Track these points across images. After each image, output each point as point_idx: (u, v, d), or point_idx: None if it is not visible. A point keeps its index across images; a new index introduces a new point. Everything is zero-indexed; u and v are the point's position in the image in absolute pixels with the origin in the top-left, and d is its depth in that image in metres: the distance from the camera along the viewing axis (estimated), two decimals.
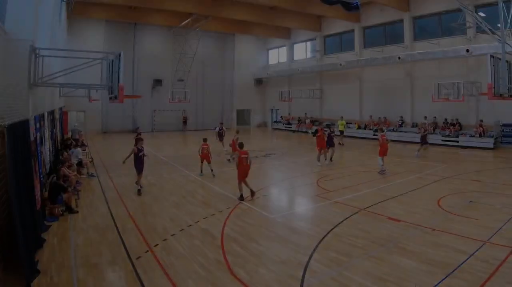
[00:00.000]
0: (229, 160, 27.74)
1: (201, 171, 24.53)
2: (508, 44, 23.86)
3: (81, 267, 10.83)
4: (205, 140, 25.19)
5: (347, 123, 49.91)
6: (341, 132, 41.14)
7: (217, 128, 35.34)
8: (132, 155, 20.23)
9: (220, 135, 35.47)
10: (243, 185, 18.44)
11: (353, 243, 12.48)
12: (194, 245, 12.47)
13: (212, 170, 24.18)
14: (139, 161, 20.08)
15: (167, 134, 55.56)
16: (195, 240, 12.99)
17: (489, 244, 11.98)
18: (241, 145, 19.16)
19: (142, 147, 20.43)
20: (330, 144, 29.00)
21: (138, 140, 20.52)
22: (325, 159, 27.90)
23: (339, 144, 36.56)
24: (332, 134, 29.46)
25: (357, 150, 28.22)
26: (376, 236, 13.05)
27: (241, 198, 17.88)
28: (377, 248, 12.03)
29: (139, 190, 19.26)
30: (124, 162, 19.38)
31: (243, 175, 18.24)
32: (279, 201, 19.56)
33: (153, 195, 19.53)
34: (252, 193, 18.40)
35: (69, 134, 39.86)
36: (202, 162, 24.52)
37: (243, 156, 18.32)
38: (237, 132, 28.83)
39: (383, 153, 24.35)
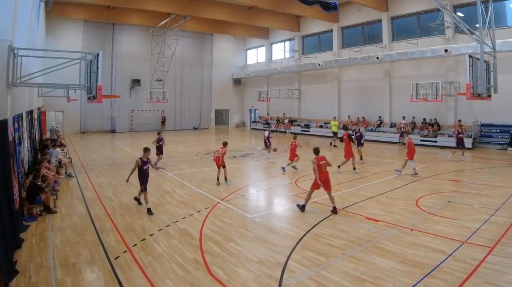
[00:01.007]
0: (283, 168, 26.09)
1: (218, 179, 22.38)
2: (487, 44, 24.12)
3: (59, 267, 10.83)
4: (224, 144, 23.33)
5: (325, 123, 50.44)
6: (334, 134, 40.57)
7: (267, 133, 33.05)
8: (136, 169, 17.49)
9: (268, 141, 32.50)
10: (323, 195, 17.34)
11: (332, 243, 12.56)
12: (172, 245, 12.50)
13: (226, 179, 22.56)
14: (143, 175, 17.29)
15: (145, 134, 54.85)
16: (173, 240, 13.01)
17: (468, 244, 12.11)
18: (316, 151, 17.41)
19: (148, 159, 17.85)
20: (358, 144, 28.94)
21: (145, 151, 17.74)
22: (353, 168, 25.85)
23: (332, 145, 37.19)
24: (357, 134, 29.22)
25: (335, 150, 28.20)
26: (355, 236, 13.13)
27: (303, 208, 16.45)
28: (355, 248, 12.10)
29: (149, 209, 16.43)
30: (127, 181, 17.76)
31: (319, 184, 16.53)
32: (257, 201, 19.52)
33: (132, 194, 19.42)
34: (334, 210, 16.18)
35: (48, 134, 39.72)
36: (218, 168, 22.51)
37: (321, 162, 16.56)
38: (295, 137, 27.83)
39: (412, 155, 23.99)
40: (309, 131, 54.28)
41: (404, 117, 42.68)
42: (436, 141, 37.92)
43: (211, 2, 49.00)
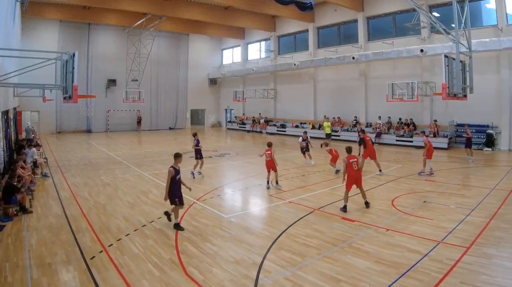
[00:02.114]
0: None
1: (268, 182, 21.27)
2: (462, 44, 24.21)
3: (35, 267, 10.76)
4: (269, 145, 21.70)
5: (301, 123, 50.94)
6: (328, 135, 39.70)
7: (301, 138, 29.43)
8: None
9: (307, 147, 28.97)
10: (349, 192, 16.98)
11: (307, 243, 12.57)
12: (148, 245, 12.47)
13: (277, 182, 21.24)
14: (176, 186, 14.57)
15: (121, 134, 55.58)
16: (149, 240, 12.98)
17: (443, 244, 12.16)
18: (349, 149, 17.30)
19: (179, 167, 14.95)
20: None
21: (177, 157, 14.91)
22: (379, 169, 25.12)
23: (324, 146, 36.45)
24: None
25: (311, 150, 28.19)
26: (330, 236, 13.15)
27: (345, 209, 16.22)
28: (331, 248, 12.13)
29: (177, 225, 14.21)
30: (166, 199, 14.68)
31: (352, 182, 16.56)
32: (233, 201, 19.55)
33: (107, 194, 19.49)
34: (367, 204, 16.70)
35: (24, 134, 39.49)
36: (268, 172, 21.35)
37: (351, 160, 16.55)
38: (326, 145, 26.74)
39: (431, 155, 23.86)
40: (285, 131, 54.41)
41: (380, 117, 42.89)
42: (412, 141, 37.97)
43: (187, 2, 49.05)
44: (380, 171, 24.35)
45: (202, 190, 20.34)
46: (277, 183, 21.05)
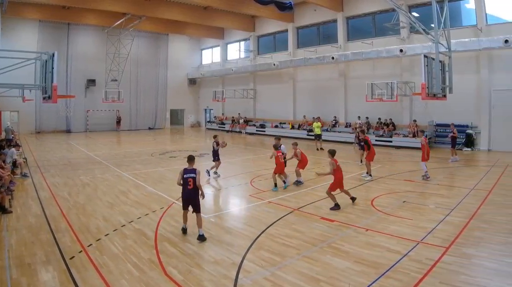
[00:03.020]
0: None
1: (275, 185, 20.52)
2: (442, 44, 24.30)
3: (14, 267, 10.66)
4: (276, 147, 21.22)
5: (280, 123, 51.24)
6: (318, 136, 38.65)
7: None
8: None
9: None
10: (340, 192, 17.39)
11: (287, 243, 12.54)
12: (127, 245, 12.40)
13: (285, 182, 20.83)
14: (184, 191, 13.86)
15: (100, 134, 55.39)
16: (128, 240, 12.89)
17: (423, 244, 12.17)
18: (333, 152, 17.36)
19: (194, 169, 14.21)
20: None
21: (190, 160, 14.65)
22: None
23: (320, 149, 36.45)
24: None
25: (291, 150, 28.17)
26: (310, 236, 13.13)
27: (338, 206, 16.39)
28: (310, 248, 12.10)
29: (201, 236, 12.99)
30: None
31: (338, 187, 16.94)
32: (213, 201, 19.40)
33: (87, 194, 19.36)
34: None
35: (3, 134, 39.28)
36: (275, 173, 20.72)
37: (338, 163, 16.97)
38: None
39: (426, 157, 23.07)
40: (264, 131, 54.38)
41: (359, 117, 43.06)
42: (391, 141, 38.07)
43: (166, 2, 48.97)
44: (368, 174, 23.66)
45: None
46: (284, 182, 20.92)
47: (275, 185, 20.41)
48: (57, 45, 53.15)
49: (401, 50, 36.73)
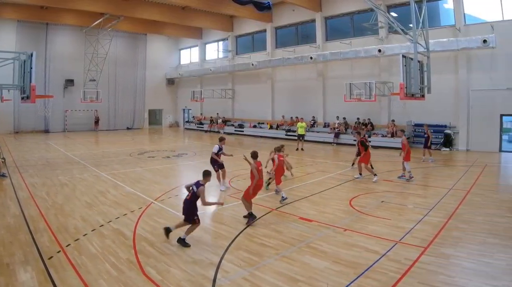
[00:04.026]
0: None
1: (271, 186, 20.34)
2: (420, 44, 24.41)
3: None
4: (278, 149, 19.91)
5: (258, 123, 51.43)
6: (301, 136, 37.85)
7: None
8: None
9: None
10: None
11: (265, 243, 12.53)
12: (106, 245, 12.29)
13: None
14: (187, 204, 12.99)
15: (78, 134, 55.03)
16: (107, 240, 12.79)
17: (401, 244, 12.19)
18: (254, 155, 16.41)
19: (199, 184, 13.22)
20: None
21: (206, 175, 13.61)
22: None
23: (301, 149, 36.39)
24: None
25: (269, 150, 28.15)
26: (288, 236, 13.11)
27: (253, 217, 14.93)
28: (289, 248, 12.08)
29: (182, 241, 12.48)
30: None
31: (258, 189, 15.98)
32: None
33: (65, 194, 19.18)
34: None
35: None
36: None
37: (260, 167, 16.14)
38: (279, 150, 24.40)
39: (408, 157, 22.58)
40: (242, 131, 54.48)
41: (338, 117, 43.12)
42: (370, 141, 37.59)
43: (144, 2, 48.89)
44: (360, 174, 23.24)
45: (159, 190, 20.27)
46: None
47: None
48: (36, 45, 52.81)
49: (379, 50, 36.88)
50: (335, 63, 44.16)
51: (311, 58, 43.54)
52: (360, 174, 22.99)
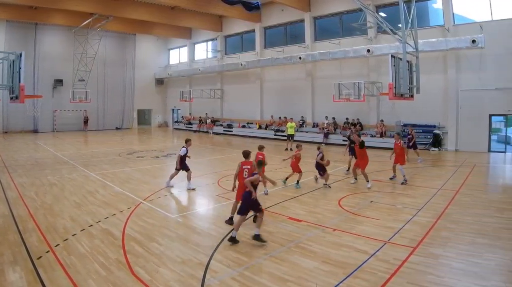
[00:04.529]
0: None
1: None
2: (409, 44, 24.40)
3: None
4: (260, 148, 19.50)
5: (247, 123, 51.75)
6: (291, 136, 38.77)
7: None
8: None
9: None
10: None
11: (254, 243, 12.47)
12: (95, 245, 12.25)
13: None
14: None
15: (68, 134, 55.02)
16: (96, 240, 12.75)
17: (390, 244, 12.21)
18: (246, 154, 15.75)
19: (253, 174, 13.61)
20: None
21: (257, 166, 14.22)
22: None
23: (289, 149, 36.50)
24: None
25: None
26: (277, 236, 13.11)
27: (231, 221, 14.63)
28: (278, 248, 12.07)
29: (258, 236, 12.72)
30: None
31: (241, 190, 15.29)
32: (180, 201, 19.44)
33: (54, 194, 19.12)
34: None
35: None
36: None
37: (244, 167, 15.39)
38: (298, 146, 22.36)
39: (402, 160, 22.05)
40: (231, 131, 54.54)
41: (326, 117, 43.16)
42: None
43: (133, 2, 48.87)
44: (356, 179, 22.25)
45: (148, 189, 20.26)
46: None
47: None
48: (25, 45, 52.72)
49: (368, 50, 36.97)
50: (324, 63, 44.20)
51: (300, 58, 43.63)
52: (355, 179, 22.28)
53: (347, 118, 42.08)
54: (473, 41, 30.70)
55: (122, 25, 57.13)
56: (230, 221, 14.55)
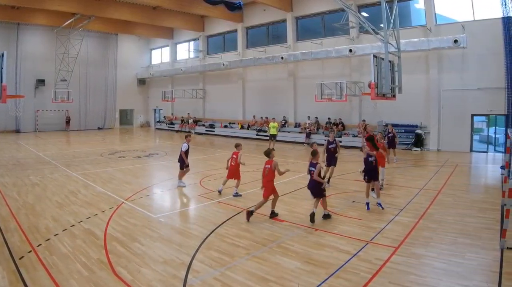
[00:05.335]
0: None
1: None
2: (391, 44, 24.47)
3: None
4: (237, 146, 19.74)
5: (229, 123, 51.83)
6: (273, 136, 38.04)
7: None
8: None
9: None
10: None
11: (236, 243, 12.49)
12: (77, 245, 12.16)
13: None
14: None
15: (50, 134, 54.82)
16: (78, 240, 12.65)
17: (372, 244, 12.22)
18: (267, 153, 16.69)
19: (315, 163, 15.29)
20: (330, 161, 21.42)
21: (315, 155, 15.45)
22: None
23: (272, 149, 35.99)
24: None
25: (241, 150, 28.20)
26: (259, 236, 13.10)
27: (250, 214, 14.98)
28: (260, 248, 12.06)
29: (326, 215, 14.77)
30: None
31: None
32: (162, 201, 19.36)
33: (36, 194, 19.02)
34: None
35: None
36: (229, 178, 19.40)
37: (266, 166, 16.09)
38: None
39: (383, 161, 20.57)
40: (213, 131, 54.54)
41: (309, 117, 43.28)
42: (341, 141, 37.36)
43: (115, 2, 48.67)
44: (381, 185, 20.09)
45: (130, 189, 20.18)
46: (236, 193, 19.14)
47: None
48: (6, 45, 52.76)
49: (350, 50, 37.05)
50: (306, 63, 44.31)
51: (282, 58, 43.71)
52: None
53: (329, 118, 42.19)
54: (455, 41, 30.84)
55: (104, 25, 56.89)
56: (272, 215, 15.38)
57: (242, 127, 51.01)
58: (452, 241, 12.34)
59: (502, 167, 23.21)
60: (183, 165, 21.02)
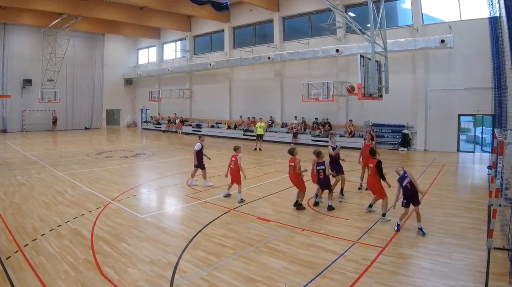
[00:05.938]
0: None
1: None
2: (378, 44, 24.46)
3: None
4: (236, 149, 18.80)
5: (216, 123, 51.79)
6: (260, 136, 38.22)
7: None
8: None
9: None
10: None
11: (223, 243, 12.49)
12: (64, 245, 12.12)
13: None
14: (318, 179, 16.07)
15: (37, 134, 54.59)
16: (64, 240, 12.61)
17: (359, 244, 12.24)
18: (290, 151, 17.17)
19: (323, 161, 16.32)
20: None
21: (319, 155, 15.87)
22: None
23: (258, 149, 36.60)
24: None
25: (227, 150, 28.15)
26: (246, 236, 13.11)
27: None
28: (246, 248, 12.08)
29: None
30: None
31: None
32: (149, 201, 19.31)
33: (23, 194, 18.96)
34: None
35: None
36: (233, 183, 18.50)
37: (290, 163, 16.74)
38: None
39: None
40: (200, 131, 54.05)
41: (296, 117, 43.25)
42: (327, 141, 37.43)
43: (102, 2, 48.49)
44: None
45: (117, 190, 20.12)
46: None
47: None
48: None
49: (337, 50, 37.06)
50: (292, 63, 44.35)
51: (268, 58, 43.68)
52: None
53: (316, 118, 42.17)
54: (442, 41, 30.90)
55: (91, 25, 56.68)
56: (298, 206, 16.45)
57: (229, 127, 50.97)
58: (439, 241, 12.39)
59: (489, 167, 23.28)
60: (201, 164, 21.21)
